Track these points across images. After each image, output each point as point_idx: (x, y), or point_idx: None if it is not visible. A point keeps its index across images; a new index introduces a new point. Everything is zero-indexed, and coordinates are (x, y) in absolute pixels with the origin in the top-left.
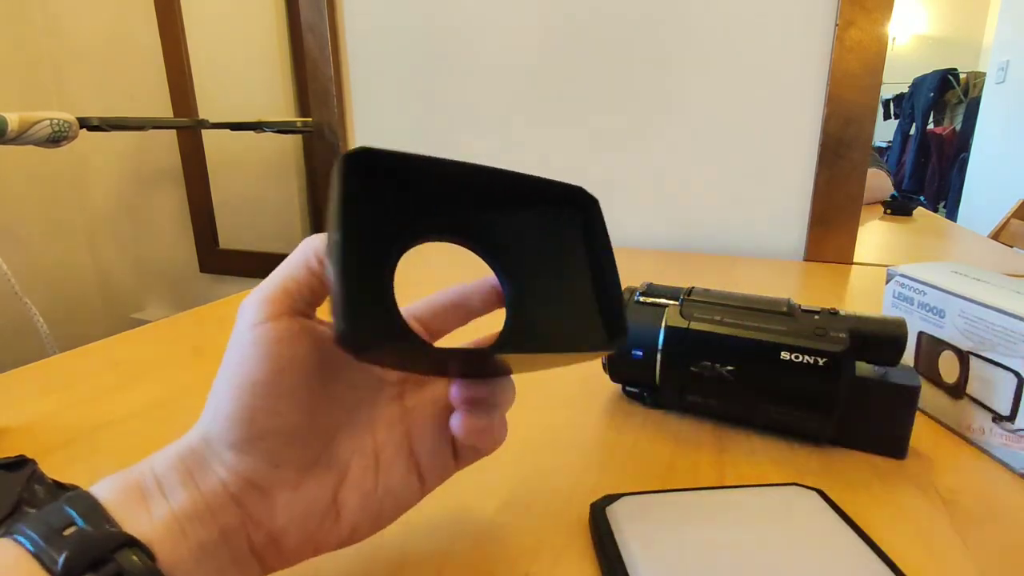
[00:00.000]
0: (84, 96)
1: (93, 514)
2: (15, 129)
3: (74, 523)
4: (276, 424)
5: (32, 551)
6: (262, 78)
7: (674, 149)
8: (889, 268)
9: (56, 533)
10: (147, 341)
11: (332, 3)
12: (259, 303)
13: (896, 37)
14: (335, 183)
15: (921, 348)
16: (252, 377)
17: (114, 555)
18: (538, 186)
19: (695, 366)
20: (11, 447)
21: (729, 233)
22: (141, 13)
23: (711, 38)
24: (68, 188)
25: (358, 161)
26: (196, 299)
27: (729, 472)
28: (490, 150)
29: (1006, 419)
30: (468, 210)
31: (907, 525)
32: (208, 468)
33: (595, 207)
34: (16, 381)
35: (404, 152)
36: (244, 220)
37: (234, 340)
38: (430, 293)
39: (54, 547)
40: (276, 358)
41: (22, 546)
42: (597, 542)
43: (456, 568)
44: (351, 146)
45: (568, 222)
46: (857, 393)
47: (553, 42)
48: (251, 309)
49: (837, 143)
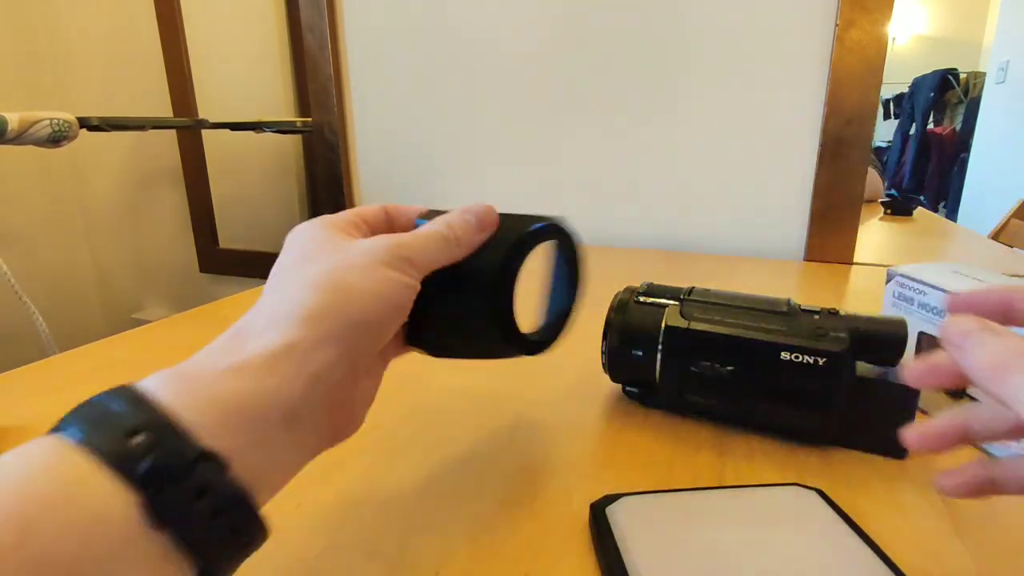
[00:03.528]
0: (84, 96)
1: (161, 422)
2: (15, 129)
3: (142, 430)
4: (370, 348)
5: (111, 462)
6: (262, 78)
7: (674, 149)
8: (889, 268)
9: (124, 439)
10: (147, 341)
11: (332, 3)
12: (404, 261)
13: (896, 37)
14: (525, 238)
15: (921, 348)
16: (389, 316)
17: (194, 467)
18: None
19: (695, 366)
20: (11, 447)
21: (729, 233)
22: (141, 13)
23: (711, 39)
24: (68, 188)
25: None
26: (196, 299)
27: (729, 472)
28: (489, 150)
29: None
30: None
31: (907, 525)
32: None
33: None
34: (16, 381)
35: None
36: (244, 220)
37: (382, 277)
38: None
39: (127, 457)
40: (400, 310)
41: (94, 452)
42: (597, 542)
43: (455, 568)
44: (351, 146)
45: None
46: (857, 393)
47: (553, 43)
48: (393, 258)
49: (837, 143)
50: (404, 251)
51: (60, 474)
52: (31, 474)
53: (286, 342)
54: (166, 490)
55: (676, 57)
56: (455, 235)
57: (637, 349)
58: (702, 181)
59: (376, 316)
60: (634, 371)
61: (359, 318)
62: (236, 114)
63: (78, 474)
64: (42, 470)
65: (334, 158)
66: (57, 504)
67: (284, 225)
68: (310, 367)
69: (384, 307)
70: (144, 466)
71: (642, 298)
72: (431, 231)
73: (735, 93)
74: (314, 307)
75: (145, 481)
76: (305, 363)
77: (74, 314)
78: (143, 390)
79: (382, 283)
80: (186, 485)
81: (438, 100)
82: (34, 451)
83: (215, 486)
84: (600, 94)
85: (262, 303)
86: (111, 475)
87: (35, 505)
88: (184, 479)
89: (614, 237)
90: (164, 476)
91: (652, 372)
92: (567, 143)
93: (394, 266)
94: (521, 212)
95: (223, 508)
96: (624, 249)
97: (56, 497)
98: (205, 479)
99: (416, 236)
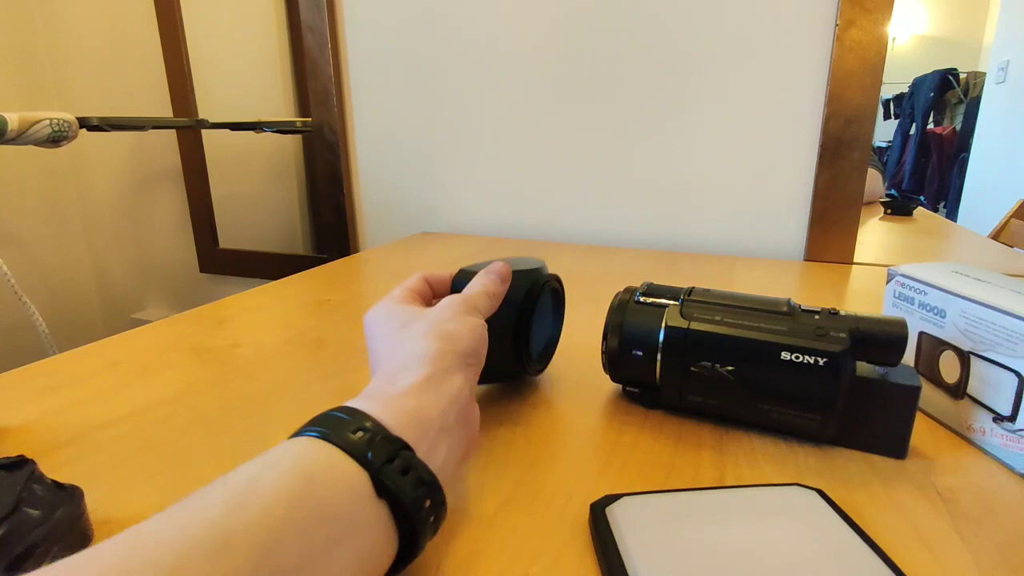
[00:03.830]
0: (84, 96)
1: (374, 424)
2: (15, 129)
3: (362, 428)
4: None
5: (346, 449)
6: (262, 78)
7: (674, 149)
8: (889, 268)
9: (351, 436)
10: (147, 341)
11: (332, 3)
12: (474, 309)
13: (896, 37)
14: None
15: (922, 348)
16: (481, 348)
17: (399, 453)
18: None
19: (695, 366)
20: (11, 447)
21: (729, 233)
22: (141, 13)
23: (710, 39)
24: (68, 188)
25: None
26: (196, 299)
27: (729, 472)
28: (489, 150)
29: (1007, 419)
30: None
31: (907, 525)
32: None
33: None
34: (16, 381)
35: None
36: (244, 220)
37: (470, 322)
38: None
39: (356, 446)
40: (484, 342)
41: (333, 444)
42: (597, 542)
43: (455, 567)
44: (351, 146)
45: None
46: (857, 393)
47: (552, 43)
48: (469, 308)
49: (837, 143)
50: (471, 303)
51: (317, 454)
52: (300, 452)
53: (425, 375)
54: (383, 469)
55: (676, 57)
56: (491, 291)
57: (637, 349)
58: (702, 181)
59: (474, 348)
60: (634, 371)
61: (466, 350)
62: (236, 114)
63: (329, 456)
64: (306, 451)
65: (334, 158)
66: (325, 469)
67: (284, 225)
68: (446, 391)
69: (477, 341)
70: (368, 453)
71: (642, 298)
72: (479, 290)
73: (735, 93)
74: (434, 350)
75: (370, 463)
76: (442, 388)
77: (74, 314)
78: (354, 405)
79: (471, 325)
80: (396, 464)
81: (438, 100)
82: (289, 445)
83: (415, 465)
84: (600, 94)
85: (388, 363)
86: (348, 459)
87: (312, 469)
88: (393, 460)
89: (614, 237)
90: (382, 459)
91: (652, 372)
92: (567, 143)
93: (471, 313)
94: (518, 253)
95: (422, 481)
96: (624, 249)
97: (320, 467)
98: (407, 460)
99: (474, 294)
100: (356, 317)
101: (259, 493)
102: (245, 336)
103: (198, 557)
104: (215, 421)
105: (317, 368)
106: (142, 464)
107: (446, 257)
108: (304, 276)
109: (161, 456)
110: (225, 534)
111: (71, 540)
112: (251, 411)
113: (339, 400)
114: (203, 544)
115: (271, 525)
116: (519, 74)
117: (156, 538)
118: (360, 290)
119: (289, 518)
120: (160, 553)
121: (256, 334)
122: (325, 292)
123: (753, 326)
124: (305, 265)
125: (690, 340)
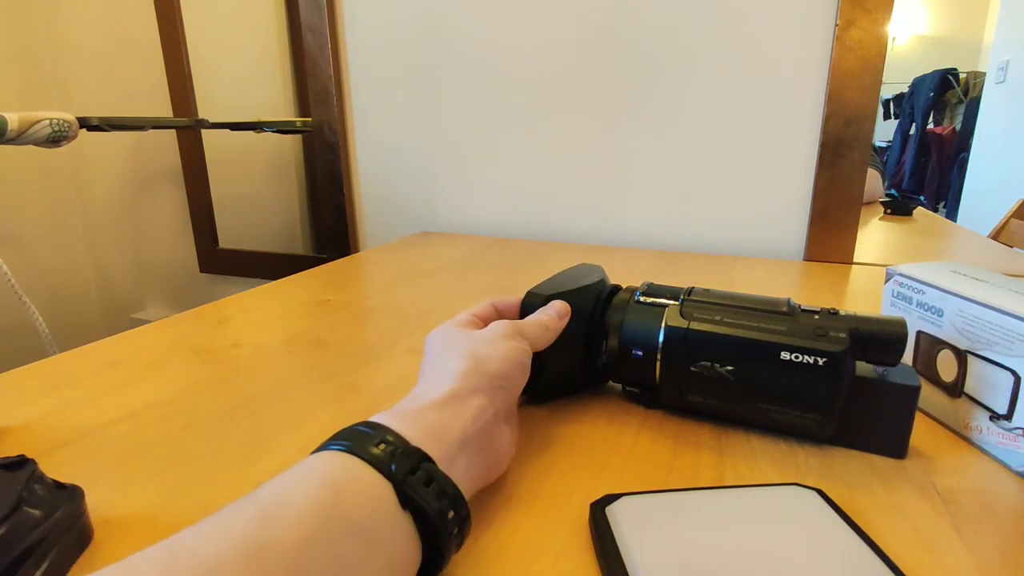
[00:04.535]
0: (84, 96)
1: (396, 437)
2: (15, 129)
3: (384, 441)
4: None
5: (370, 462)
6: (262, 78)
7: (674, 149)
8: (888, 268)
9: (374, 449)
10: (147, 341)
11: (332, 3)
12: (517, 333)
13: (896, 37)
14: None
15: (920, 347)
16: (516, 372)
17: (421, 465)
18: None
19: (695, 366)
20: (11, 447)
21: (729, 233)
22: (141, 13)
23: (710, 39)
24: (68, 188)
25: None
26: (196, 299)
27: (729, 472)
28: (489, 150)
29: (1003, 418)
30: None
31: (907, 525)
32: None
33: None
34: (16, 381)
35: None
36: (244, 220)
37: (506, 345)
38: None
39: (380, 459)
40: (521, 366)
41: (358, 457)
42: (597, 542)
43: (456, 567)
44: (351, 146)
45: None
46: (857, 393)
47: (552, 44)
48: (511, 332)
49: (837, 143)
50: (516, 328)
51: (343, 467)
52: (326, 465)
53: (450, 391)
54: (406, 480)
55: (676, 57)
56: (545, 324)
57: (637, 349)
58: (702, 181)
59: (503, 371)
60: (634, 371)
61: (494, 372)
62: (236, 114)
63: (354, 468)
64: (332, 464)
65: (334, 158)
66: (351, 482)
67: (284, 225)
68: (468, 408)
69: (508, 364)
70: (392, 465)
71: (642, 298)
72: (534, 319)
73: (735, 93)
74: (463, 369)
75: (393, 475)
76: (464, 405)
77: (74, 314)
78: (378, 420)
79: (506, 348)
80: (419, 475)
81: (438, 100)
82: (315, 459)
83: (437, 476)
84: (600, 94)
85: (423, 380)
86: (373, 471)
87: (339, 482)
88: (416, 471)
89: (614, 237)
90: (405, 471)
91: (652, 372)
92: (567, 142)
93: (511, 337)
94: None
95: (445, 493)
96: (624, 249)
97: (347, 480)
98: (430, 472)
99: (526, 321)
100: (356, 317)
101: (289, 507)
102: (245, 336)
103: (233, 570)
104: (215, 421)
105: (317, 368)
106: (142, 464)
107: (446, 257)
108: (304, 276)
109: (161, 456)
110: (258, 547)
111: (71, 540)
112: (251, 411)
113: (339, 400)
114: (237, 557)
115: (302, 538)
116: (519, 74)
117: (191, 551)
118: (360, 290)
119: (319, 531)
120: (196, 564)
121: (256, 334)
122: (325, 292)
123: (753, 326)
124: (305, 265)
125: (690, 340)
